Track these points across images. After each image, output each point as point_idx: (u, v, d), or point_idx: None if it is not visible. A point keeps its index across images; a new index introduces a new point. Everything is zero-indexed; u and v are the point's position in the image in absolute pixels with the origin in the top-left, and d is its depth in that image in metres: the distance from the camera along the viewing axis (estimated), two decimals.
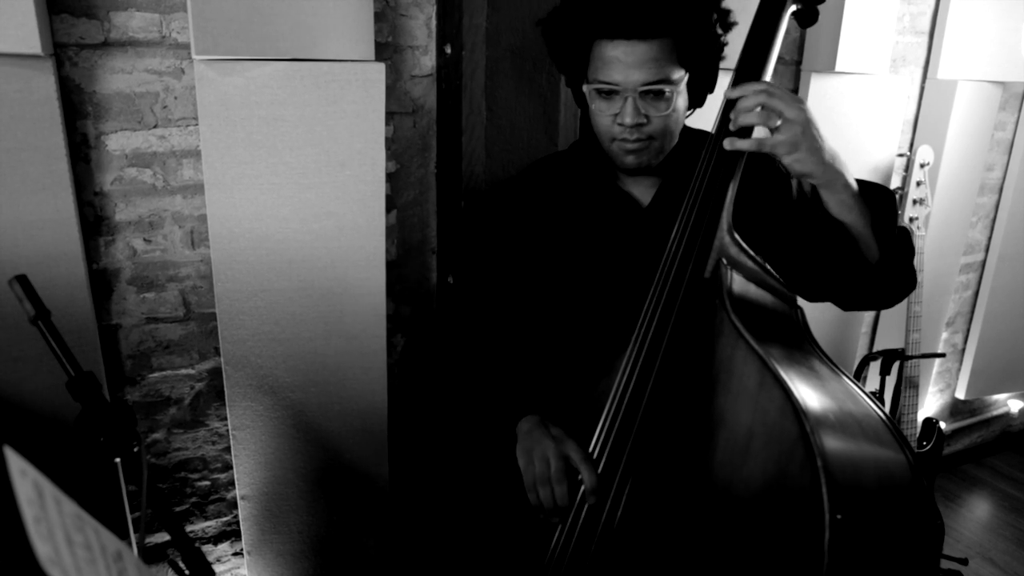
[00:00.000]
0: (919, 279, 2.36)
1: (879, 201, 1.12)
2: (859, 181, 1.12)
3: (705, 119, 1.30)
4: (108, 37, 1.40)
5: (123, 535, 1.55)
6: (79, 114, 1.42)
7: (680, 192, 1.11)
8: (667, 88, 1.12)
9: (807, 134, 1.01)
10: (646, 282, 1.07)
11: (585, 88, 1.18)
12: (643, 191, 1.27)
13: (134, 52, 1.43)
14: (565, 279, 1.29)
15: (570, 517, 1.06)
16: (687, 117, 1.24)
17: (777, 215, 1.24)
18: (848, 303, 1.23)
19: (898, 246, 1.14)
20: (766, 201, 1.25)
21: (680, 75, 1.13)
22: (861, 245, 1.11)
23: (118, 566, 0.59)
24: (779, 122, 1.01)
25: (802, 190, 1.24)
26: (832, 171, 1.05)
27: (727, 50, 1.21)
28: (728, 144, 1.04)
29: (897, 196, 2.39)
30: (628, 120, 1.12)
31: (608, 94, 1.14)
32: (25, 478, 0.50)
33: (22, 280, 1.02)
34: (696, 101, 1.23)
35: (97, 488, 1.48)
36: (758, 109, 1.02)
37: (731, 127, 1.05)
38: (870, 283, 1.14)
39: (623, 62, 1.10)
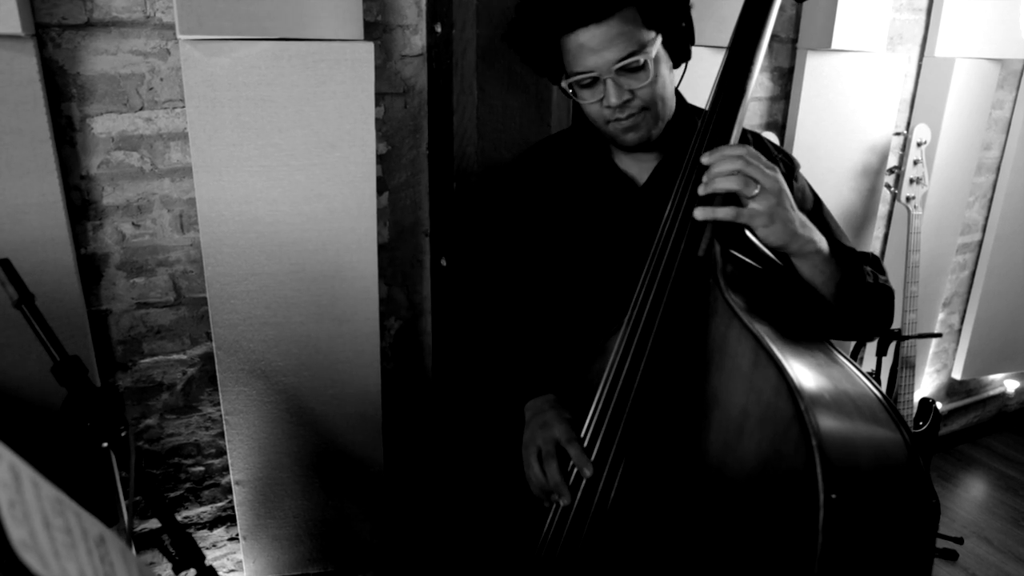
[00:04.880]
0: (916, 259, 2.36)
1: (850, 263, 1.09)
2: (841, 247, 1.10)
3: (702, 96, 1.28)
4: (91, 17, 1.38)
5: (115, 521, 1.54)
6: (63, 96, 1.40)
7: (676, 171, 1.09)
8: (641, 57, 1.09)
9: (781, 204, 0.98)
10: (642, 261, 1.06)
11: (564, 84, 1.17)
12: (640, 170, 1.26)
13: (118, 32, 1.41)
14: (562, 260, 1.29)
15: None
16: (679, 80, 1.23)
17: None
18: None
19: (870, 304, 1.12)
20: None
21: (651, 37, 1.11)
22: (829, 299, 1.09)
23: (100, 550, 0.58)
24: (756, 191, 0.96)
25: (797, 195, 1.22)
26: (803, 240, 1.02)
27: (718, 26, 1.19)
28: (700, 214, 0.98)
29: (895, 174, 2.38)
30: (613, 101, 1.12)
31: (588, 83, 1.13)
32: (0, 461, 0.48)
33: (4, 264, 1.00)
34: (681, 56, 1.20)
35: (88, 475, 1.47)
36: (734, 176, 0.97)
37: (702, 190, 0.99)
38: (836, 327, 1.13)
39: (590, 47, 1.09)
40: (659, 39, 1.13)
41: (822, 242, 1.05)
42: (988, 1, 2.39)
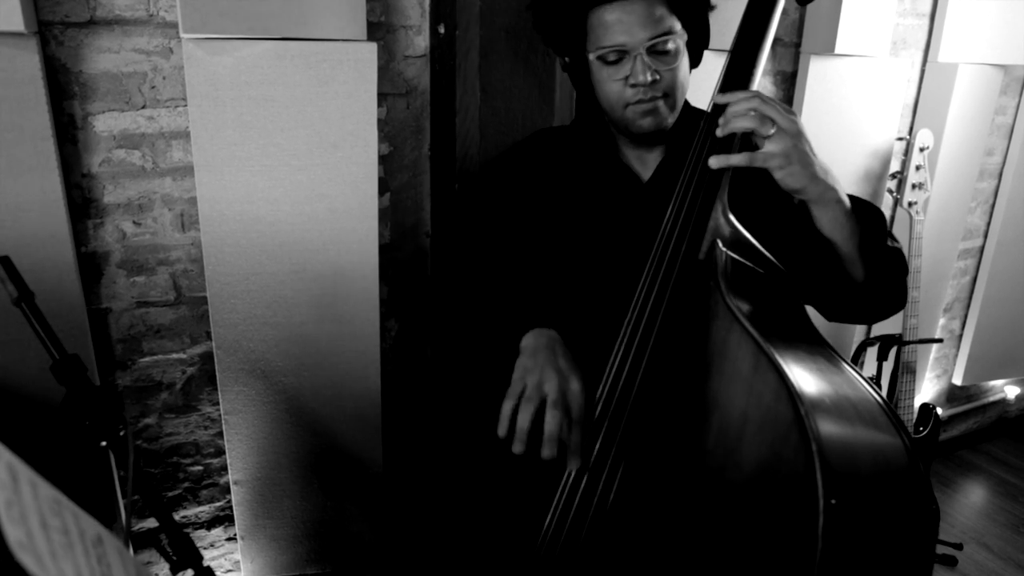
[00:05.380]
0: (918, 264, 2.35)
1: (869, 219, 1.09)
2: (850, 196, 1.09)
3: (704, 98, 1.28)
4: (94, 15, 1.38)
5: (113, 521, 1.54)
6: (65, 94, 1.40)
7: (680, 168, 1.09)
8: (672, 40, 1.12)
9: (799, 147, 0.98)
10: (644, 259, 1.06)
11: (590, 59, 1.17)
12: (644, 166, 1.26)
13: (121, 31, 1.40)
14: (563, 253, 1.28)
15: (563, 500, 1.05)
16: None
17: (776, 211, 1.22)
18: (832, 316, 1.21)
19: (887, 266, 1.11)
20: (768, 194, 1.23)
21: (680, 27, 1.13)
22: (847, 264, 1.09)
23: (98, 551, 0.57)
24: (772, 130, 0.97)
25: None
26: (824, 186, 1.01)
27: (722, 29, 1.19)
28: (715, 162, 1.00)
29: (897, 179, 2.38)
30: (642, 78, 1.12)
31: (615, 59, 1.13)
32: None
33: (4, 261, 1.00)
34: (694, 60, 1.22)
35: (86, 474, 1.47)
36: (751, 113, 0.99)
37: (720, 132, 1.01)
38: (854, 301, 1.13)
39: (625, 22, 1.10)
40: (684, 31, 1.15)
41: (843, 194, 1.04)
42: (992, 7, 2.39)
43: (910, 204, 2.36)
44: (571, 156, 1.30)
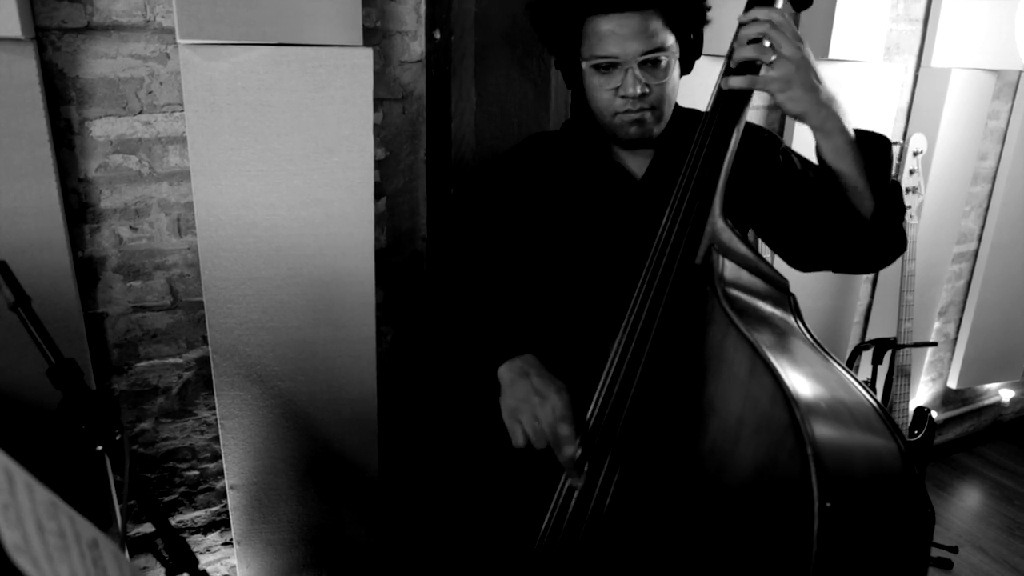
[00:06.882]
0: (912, 268, 2.36)
1: (875, 150, 1.12)
2: (857, 130, 1.12)
3: (695, 101, 1.29)
4: (91, 21, 1.38)
5: (109, 525, 1.54)
6: (62, 99, 1.40)
7: (673, 165, 1.11)
8: (664, 56, 1.14)
9: (801, 73, 1.02)
10: (640, 257, 1.07)
11: (583, 66, 1.19)
12: (637, 164, 1.27)
13: (118, 36, 1.41)
14: (559, 253, 1.28)
15: (559, 504, 1.05)
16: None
17: (769, 190, 1.24)
18: (841, 262, 1.22)
19: (891, 199, 1.14)
20: (757, 180, 1.25)
21: (672, 41, 1.16)
22: (853, 196, 1.11)
23: (93, 554, 0.57)
24: (774, 57, 1.02)
25: (792, 159, 1.27)
26: (827, 113, 1.05)
27: (716, 36, 1.21)
28: (723, 83, 1.06)
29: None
30: (631, 91, 1.14)
31: (607, 68, 1.15)
32: None
33: (1, 266, 1.00)
34: (685, 68, 1.25)
35: (82, 478, 1.46)
36: (756, 43, 1.03)
37: (731, 64, 1.06)
38: (863, 238, 1.14)
39: (619, 35, 1.12)
40: (677, 46, 1.17)
41: (847, 123, 1.07)
42: (984, 12, 2.40)
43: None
44: (564, 158, 1.31)
